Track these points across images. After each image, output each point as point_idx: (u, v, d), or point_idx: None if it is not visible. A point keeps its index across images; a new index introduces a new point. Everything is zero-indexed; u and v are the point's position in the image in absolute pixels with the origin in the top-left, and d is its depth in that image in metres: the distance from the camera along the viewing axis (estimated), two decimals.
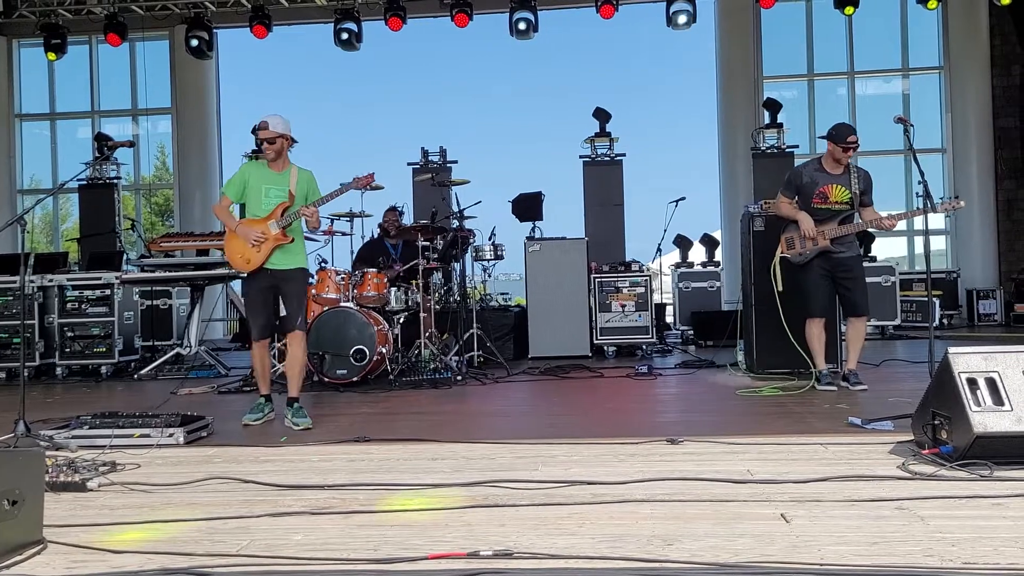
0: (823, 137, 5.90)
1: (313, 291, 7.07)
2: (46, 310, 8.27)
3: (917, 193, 5.37)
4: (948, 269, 12.13)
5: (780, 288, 5.98)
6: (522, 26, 11.56)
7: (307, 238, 7.62)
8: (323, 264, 7.28)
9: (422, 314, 7.22)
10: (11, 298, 8.16)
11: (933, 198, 5.29)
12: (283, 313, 5.29)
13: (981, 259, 12.40)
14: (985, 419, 3.19)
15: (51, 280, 8.25)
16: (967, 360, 3.35)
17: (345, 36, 11.88)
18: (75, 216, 14.03)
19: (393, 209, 8.41)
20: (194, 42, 12.12)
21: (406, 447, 4.18)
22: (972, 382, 3.28)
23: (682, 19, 11.34)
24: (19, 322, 7.96)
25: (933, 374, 3.73)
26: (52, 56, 12.30)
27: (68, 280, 8.29)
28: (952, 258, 12.79)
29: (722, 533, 2.59)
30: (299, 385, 5.15)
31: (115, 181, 11.91)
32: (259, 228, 5.02)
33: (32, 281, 8.12)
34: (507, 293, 10.30)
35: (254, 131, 4.95)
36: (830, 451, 3.76)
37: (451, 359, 7.27)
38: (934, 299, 10.05)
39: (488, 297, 9.35)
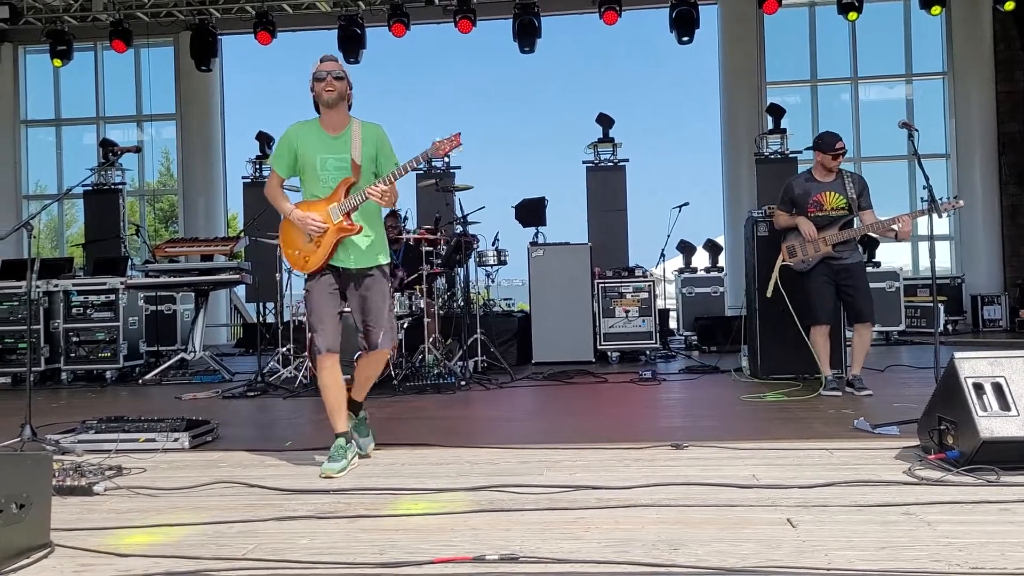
0: (810, 148, 5.92)
1: None
2: (51, 315, 8.30)
3: (922, 198, 5.38)
4: (952, 275, 12.12)
5: (769, 293, 5.98)
6: (525, 33, 11.57)
7: None
8: None
9: (426, 319, 7.23)
10: (17, 303, 8.19)
11: (938, 203, 5.29)
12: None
13: (986, 264, 12.38)
14: (991, 424, 3.19)
15: (56, 285, 8.28)
16: (973, 365, 3.35)
17: (349, 43, 11.90)
18: (80, 222, 14.08)
19: (393, 214, 8.39)
20: (203, 67, 12.17)
21: (411, 452, 4.18)
22: (978, 387, 3.28)
23: (684, 39, 11.34)
24: (25, 327, 7.99)
25: (939, 379, 3.73)
26: (58, 62, 12.35)
27: (73, 285, 8.32)
28: (956, 263, 12.76)
29: (728, 538, 2.59)
30: (366, 391, 4.21)
31: (120, 187, 11.98)
32: (318, 214, 3.86)
33: (38, 286, 8.14)
34: (510, 298, 10.31)
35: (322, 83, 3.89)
36: (836, 456, 3.75)
37: (455, 364, 7.27)
38: (938, 305, 10.03)
39: (491, 302, 9.35)
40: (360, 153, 3.88)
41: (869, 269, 6.50)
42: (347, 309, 4.04)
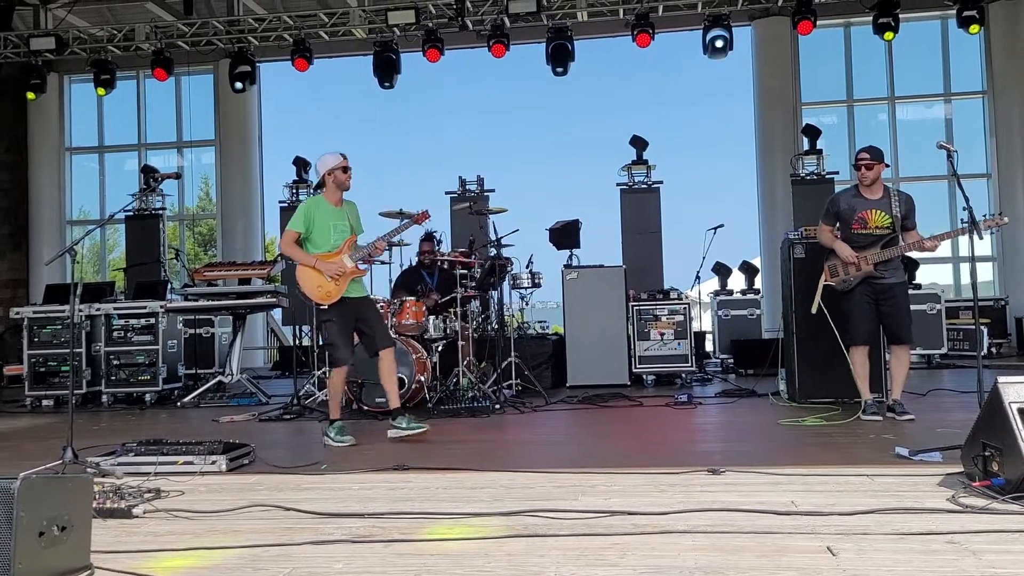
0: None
1: None
2: (93, 339, 8.45)
3: (962, 220, 5.29)
4: (996, 296, 11.87)
5: (813, 310, 5.91)
6: (558, 56, 11.62)
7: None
8: None
9: (460, 342, 7.24)
10: (60, 327, 8.35)
11: (979, 224, 5.20)
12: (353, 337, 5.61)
13: None
14: None
15: (98, 309, 8.42)
16: (1018, 390, 3.27)
17: (384, 68, 12.03)
18: (122, 246, 14.35)
19: (429, 238, 8.41)
20: (238, 84, 12.38)
21: (445, 476, 4.18)
22: None
23: (719, 44, 11.29)
24: (68, 350, 8.15)
25: (982, 404, 3.64)
26: (101, 91, 12.63)
27: (115, 309, 8.46)
28: (1000, 285, 12.50)
29: (766, 566, 2.55)
30: (397, 395, 5.61)
31: (160, 212, 12.21)
32: (336, 263, 5.40)
33: (80, 310, 8.29)
34: (545, 321, 10.28)
35: (340, 168, 5.60)
36: (877, 482, 3.68)
37: (489, 388, 7.27)
38: (982, 327, 9.82)
39: (526, 325, 9.34)
40: (352, 220, 5.57)
41: (909, 291, 6.38)
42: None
